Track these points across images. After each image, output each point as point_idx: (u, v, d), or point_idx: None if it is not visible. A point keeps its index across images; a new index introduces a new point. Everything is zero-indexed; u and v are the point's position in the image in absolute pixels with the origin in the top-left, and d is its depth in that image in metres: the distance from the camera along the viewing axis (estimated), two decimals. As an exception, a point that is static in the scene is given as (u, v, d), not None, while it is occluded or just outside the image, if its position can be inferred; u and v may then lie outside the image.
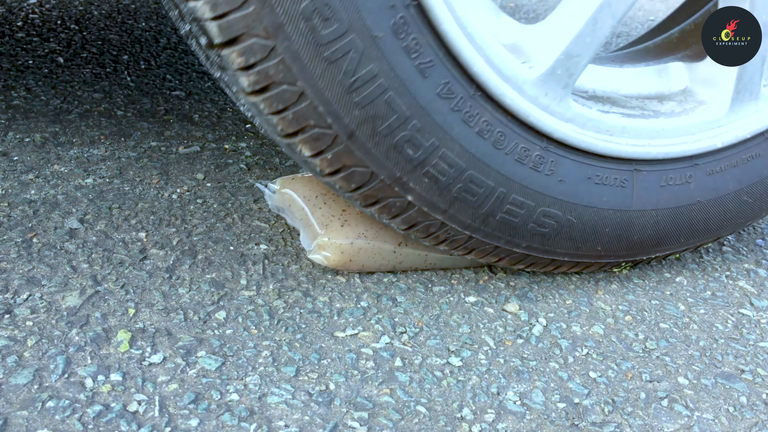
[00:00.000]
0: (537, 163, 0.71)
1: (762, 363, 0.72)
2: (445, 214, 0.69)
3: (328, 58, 0.58)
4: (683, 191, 0.80)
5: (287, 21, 0.55)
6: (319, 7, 0.55)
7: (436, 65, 0.62)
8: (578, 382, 0.67)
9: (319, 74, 0.58)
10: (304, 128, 0.61)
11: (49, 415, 0.55)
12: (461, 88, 0.64)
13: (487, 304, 0.77)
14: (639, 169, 0.77)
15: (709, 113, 0.80)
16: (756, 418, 0.64)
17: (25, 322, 0.65)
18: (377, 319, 0.72)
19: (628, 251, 0.81)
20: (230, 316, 0.69)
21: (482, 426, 0.60)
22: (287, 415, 0.58)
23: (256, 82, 0.57)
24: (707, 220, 0.83)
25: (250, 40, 0.55)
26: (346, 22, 0.57)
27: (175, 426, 0.56)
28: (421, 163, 0.65)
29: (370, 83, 0.60)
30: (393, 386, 0.63)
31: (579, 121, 0.72)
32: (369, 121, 0.62)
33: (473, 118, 0.66)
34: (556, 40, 0.68)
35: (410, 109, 0.62)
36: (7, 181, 0.89)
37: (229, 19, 0.54)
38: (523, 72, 0.68)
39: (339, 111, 0.60)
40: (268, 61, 0.56)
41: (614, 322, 0.76)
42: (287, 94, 0.58)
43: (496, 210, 0.71)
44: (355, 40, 0.58)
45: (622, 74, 0.86)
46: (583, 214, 0.75)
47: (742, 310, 0.81)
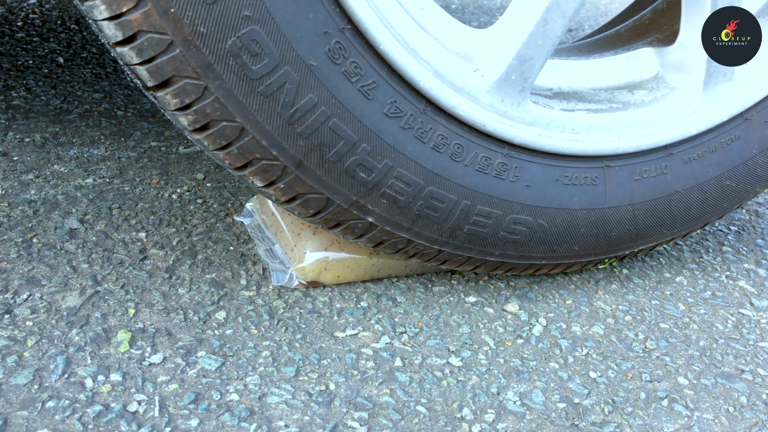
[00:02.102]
0: (500, 170, 0.69)
1: (762, 363, 0.72)
2: (409, 231, 0.68)
3: (264, 93, 0.57)
4: (659, 182, 0.78)
5: (215, 60, 0.54)
6: (246, 44, 0.55)
7: (380, 85, 0.61)
8: (578, 382, 0.67)
9: (256, 109, 0.57)
10: (251, 161, 0.60)
11: (49, 415, 0.55)
12: (410, 105, 0.63)
13: (487, 304, 0.77)
14: (610, 165, 0.75)
15: (681, 99, 0.78)
16: (756, 418, 0.64)
17: (25, 322, 0.65)
18: (377, 319, 0.72)
19: (607, 248, 0.79)
20: (230, 316, 0.69)
21: (482, 426, 0.60)
22: (287, 415, 0.58)
23: (195, 121, 0.58)
24: (689, 209, 0.81)
25: (181, 82, 0.55)
26: (276, 55, 0.56)
27: (175, 426, 0.56)
28: (376, 185, 0.64)
29: (311, 112, 0.59)
30: (393, 386, 0.63)
31: (541, 123, 0.70)
32: (315, 149, 0.61)
33: (426, 134, 0.65)
34: (506, 44, 0.66)
35: (357, 133, 0.61)
36: (7, 181, 0.89)
37: (157, 63, 0.54)
38: (475, 81, 0.66)
39: (283, 143, 0.60)
40: (203, 100, 0.56)
41: (614, 322, 0.76)
42: (228, 130, 0.58)
43: (462, 223, 0.69)
44: (289, 72, 0.57)
45: (588, 66, 0.84)
46: (555, 217, 0.74)
47: (742, 310, 0.81)
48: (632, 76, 0.84)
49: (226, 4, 0.53)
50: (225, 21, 0.53)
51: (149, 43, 0.53)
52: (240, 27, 0.54)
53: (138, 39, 0.53)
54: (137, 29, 0.52)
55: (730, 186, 0.82)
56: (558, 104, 0.75)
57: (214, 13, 0.53)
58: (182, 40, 0.53)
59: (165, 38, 0.53)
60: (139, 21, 0.52)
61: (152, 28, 0.52)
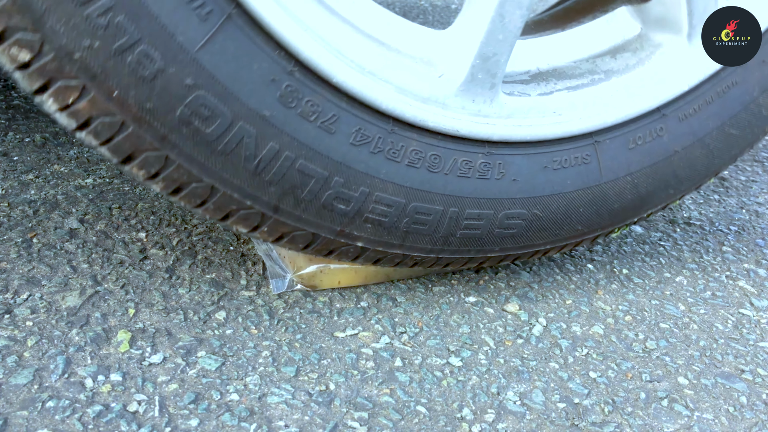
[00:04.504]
0: (483, 171, 0.68)
1: (762, 363, 0.72)
2: (402, 247, 0.68)
3: (224, 151, 0.57)
4: (656, 146, 0.75)
5: (169, 131, 0.55)
6: (195, 110, 0.55)
7: (341, 117, 0.60)
8: (578, 382, 0.67)
9: (220, 167, 0.58)
10: (230, 213, 0.61)
11: (49, 415, 0.55)
12: (376, 129, 0.62)
13: (487, 304, 0.77)
14: (600, 140, 0.72)
15: (668, 56, 0.75)
16: (756, 418, 0.64)
17: (25, 322, 0.65)
18: (377, 319, 0.72)
19: (613, 220, 0.77)
20: (230, 316, 0.69)
21: (482, 426, 0.60)
22: (287, 415, 0.58)
23: (166, 187, 0.58)
24: (693, 166, 0.78)
25: (143, 155, 0.56)
26: (228, 114, 0.56)
27: (175, 426, 0.56)
28: (357, 213, 0.64)
29: (275, 159, 0.59)
30: (393, 386, 0.63)
31: (519, 113, 0.68)
32: (288, 192, 0.61)
33: (399, 153, 0.64)
34: (467, 44, 0.64)
35: (327, 168, 0.61)
36: (7, 181, 0.89)
37: (116, 143, 0.55)
38: (441, 87, 0.65)
39: (255, 192, 0.60)
40: (168, 168, 0.57)
41: (614, 322, 0.76)
42: (199, 190, 0.59)
43: (453, 229, 0.69)
44: (244, 127, 0.57)
45: (566, 38, 0.80)
46: (550, 204, 0.72)
47: (742, 310, 0.81)
48: (614, 39, 0.80)
49: (166, 77, 0.53)
50: (169, 94, 0.53)
51: (102, 126, 0.54)
52: (185, 96, 0.54)
53: (92, 124, 0.54)
54: (88, 116, 0.53)
55: (734, 134, 0.79)
56: (535, 89, 0.73)
57: (157, 88, 0.53)
58: (133, 119, 0.54)
59: (116, 119, 0.53)
60: (88, 108, 0.53)
61: (101, 112, 0.53)
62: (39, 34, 0.49)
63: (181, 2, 0.52)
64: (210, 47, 0.53)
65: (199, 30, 0.53)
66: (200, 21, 0.52)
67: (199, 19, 0.52)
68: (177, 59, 0.53)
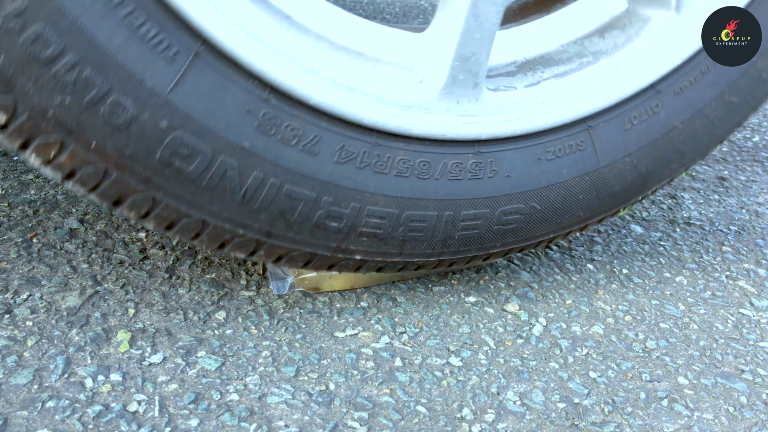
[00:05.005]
0: (475, 171, 0.67)
1: (762, 363, 0.72)
2: (401, 255, 0.68)
3: (209, 185, 0.57)
4: (653, 124, 0.73)
5: (152, 173, 0.55)
6: (174, 150, 0.55)
7: (323, 137, 0.60)
8: (578, 382, 0.67)
9: (207, 201, 0.58)
10: (225, 242, 0.62)
11: (49, 415, 0.55)
12: (360, 144, 0.62)
13: (487, 304, 0.77)
14: (593, 124, 0.70)
15: (657, 30, 0.73)
16: (756, 418, 0.64)
17: (25, 322, 0.65)
18: (377, 319, 0.72)
19: (615, 202, 0.76)
20: (230, 316, 0.69)
21: (482, 426, 0.60)
22: (287, 415, 0.58)
23: (159, 224, 0.59)
24: (695, 138, 0.77)
25: (131, 198, 0.56)
26: (207, 149, 0.56)
27: (175, 426, 0.56)
28: (351, 228, 0.64)
29: (261, 187, 0.59)
30: (393, 386, 0.63)
31: (506, 108, 0.67)
32: (278, 217, 0.61)
33: (386, 164, 0.63)
34: (444, 47, 0.63)
35: (314, 189, 0.61)
36: (7, 181, 0.89)
37: (103, 189, 0.55)
38: (423, 92, 0.64)
39: (245, 221, 0.60)
40: (157, 207, 0.57)
41: (614, 322, 0.76)
42: (191, 224, 0.59)
43: (451, 232, 0.68)
44: (226, 160, 0.57)
45: (551, 22, 0.77)
46: (547, 195, 0.70)
47: (742, 310, 0.81)
48: (601, 17, 0.78)
49: (141, 123, 0.53)
50: (146, 139, 0.54)
51: (87, 175, 0.54)
52: (163, 138, 0.54)
53: (76, 174, 0.54)
54: (71, 168, 0.54)
55: (734, 102, 0.77)
56: (522, 80, 0.71)
57: (133, 135, 0.53)
58: (114, 166, 0.54)
59: (99, 168, 0.54)
60: (70, 161, 0.53)
61: (83, 163, 0.54)
62: (11, 95, 0.50)
63: (146, 48, 0.52)
64: (181, 87, 0.53)
65: (168, 72, 0.53)
66: (167, 63, 0.53)
67: (166, 62, 0.52)
68: (149, 104, 0.53)
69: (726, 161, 1.28)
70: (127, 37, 0.51)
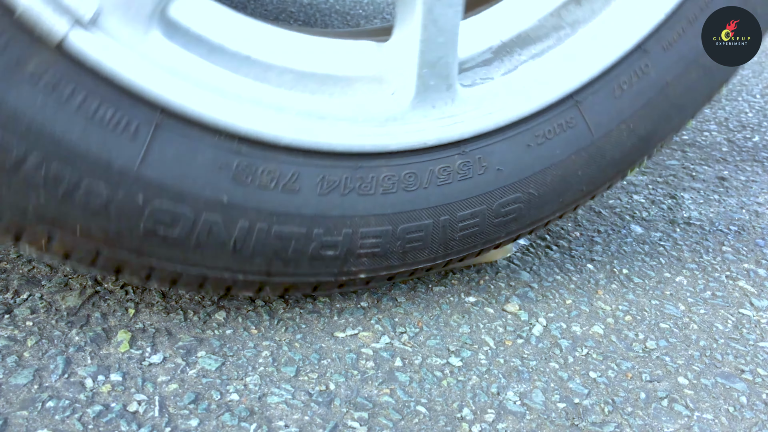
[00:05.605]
0: (464, 171, 0.65)
1: (762, 363, 0.72)
2: (404, 265, 0.68)
3: (198, 244, 0.58)
4: (645, 85, 0.70)
5: (140, 244, 0.57)
6: (157, 219, 0.56)
7: (302, 173, 0.59)
8: (578, 382, 0.67)
9: (200, 258, 0.59)
10: (229, 287, 0.64)
11: (49, 415, 0.55)
12: (341, 170, 0.61)
13: (487, 304, 0.77)
14: (580, 99, 0.68)
15: None
16: (756, 418, 0.64)
17: (25, 322, 0.65)
18: (377, 319, 0.72)
19: (618, 168, 0.74)
20: (230, 316, 0.69)
21: (482, 426, 0.60)
22: (287, 415, 0.58)
23: (162, 284, 0.62)
24: (692, 89, 0.74)
25: (128, 267, 0.58)
26: (188, 212, 0.57)
27: (175, 426, 0.56)
28: (348, 253, 0.64)
29: (249, 235, 0.59)
30: (393, 386, 0.63)
31: (487, 101, 0.65)
32: (274, 257, 0.61)
33: (371, 185, 0.62)
34: (408, 57, 0.61)
35: (303, 224, 0.61)
36: (7, 181, 0.89)
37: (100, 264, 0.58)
38: (396, 105, 0.62)
39: (242, 267, 0.61)
40: (155, 270, 0.59)
41: (614, 322, 0.76)
42: (193, 279, 0.61)
43: (451, 234, 0.67)
44: (209, 218, 0.57)
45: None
46: (543, 179, 0.68)
47: (742, 310, 0.81)
48: None
49: (117, 203, 0.54)
50: (126, 215, 0.55)
51: (81, 255, 0.57)
52: (142, 212, 0.55)
53: (72, 256, 0.57)
54: (64, 251, 0.56)
55: None
56: (499, 68, 0.69)
57: (113, 214, 0.54)
58: (104, 244, 0.56)
59: (90, 248, 0.56)
60: (61, 246, 0.55)
61: (74, 246, 0.55)
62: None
63: (106, 131, 0.52)
64: (149, 160, 0.54)
65: (133, 148, 0.53)
66: (131, 140, 0.53)
67: (129, 139, 0.53)
68: (122, 183, 0.54)
69: (726, 161, 1.28)
70: (85, 124, 0.51)
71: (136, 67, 0.52)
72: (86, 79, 0.51)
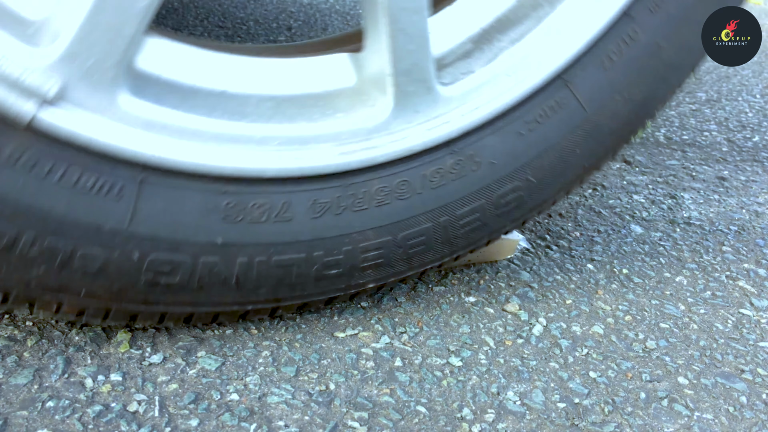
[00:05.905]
0: (457, 171, 0.65)
1: (762, 363, 0.72)
2: (412, 268, 0.68)
3: (201, 286, 0.59)
4: (635, 53, 0.68)
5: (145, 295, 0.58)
6: (156, 271, 0.57)
7: (291, 200, 0.60)
8: (578, 382, 0.67)
9: (206, 297, 0.61)
10: (242, 316, 0.65)
11: (49, 415, 0.55)
12: (331, 191, 0.61)
13: (487, 304, 0.77)
14: (569, 78, 0.66)
15: None
16: (756, 418, 0.64)
17: (25, 322, 0.65)
18: (377, 319, 0.72)
19: (620, 137, 0.72)
20: (230, 316, 0.69)
21: (482, 426, 0.60)
22: (287, 415, 0.58)
23: (177, 323, 0.64)
24: (687, 46, 0.71)
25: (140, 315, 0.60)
26: (186, 258, 0.58)
27: (175, 426, 0.56)
28: (352, 268, 0.64)
29: (250, 269, 0.60)
30: (393, 386, 0.63)
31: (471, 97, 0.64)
32: (278, 285, 0.63)
33: (363, 200, 0.62)
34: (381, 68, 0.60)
35: (302, 251, 0.61)
36: (7, 181, 0.89)
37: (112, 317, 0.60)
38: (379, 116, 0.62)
39: (250, 299, 0.63)
40: (167, 314, 0.61)
41: (614, 322, 0.76)
42: (204, 315, 0.63)
43: (455, 232, 0.68)
44: (207, 260, 0.58)
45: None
46: (540, 164, 0.67)
47: (742, 310, 0.81)
48: None
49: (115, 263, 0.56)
50: (126, 273, 0.57)
51: (92, 314, 0.59)
52: (140, 266, 0.57)
53: (84, 314, 0.59)
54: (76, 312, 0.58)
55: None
56: (479, 59, 0.66)
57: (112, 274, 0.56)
58: (110, 301, 0.59)
59: (99, 306, 0.58)
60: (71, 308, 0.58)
61: (83, 306, 0.58)
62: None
63: (91, 198, 0.53)
64: (138, 217, 0.55)
65: (121, 209, 0.54)
66: (117, 202, 0.54)
67: (115, 201, 0.54)
68: (115, 244, 0.55)
69: (726, 161, 1.28)
70: (69, 195, 0.52)
71: (109, 131, 0.53)
72: (63, 151, 0.51)
